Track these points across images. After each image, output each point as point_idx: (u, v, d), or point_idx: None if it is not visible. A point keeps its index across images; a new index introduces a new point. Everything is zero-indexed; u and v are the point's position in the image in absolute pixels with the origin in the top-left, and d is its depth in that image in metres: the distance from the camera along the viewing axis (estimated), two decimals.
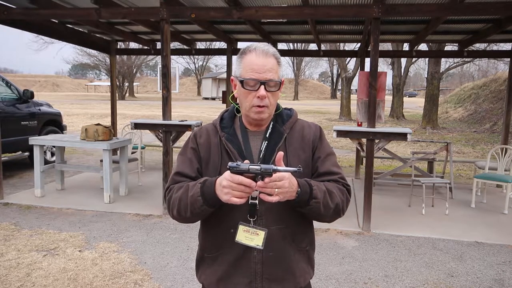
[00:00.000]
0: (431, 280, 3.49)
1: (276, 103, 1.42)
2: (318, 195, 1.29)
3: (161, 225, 4.72)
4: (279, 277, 1.39)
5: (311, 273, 1.51)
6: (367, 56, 6.72)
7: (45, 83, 58.69)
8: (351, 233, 4.58)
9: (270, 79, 1.32)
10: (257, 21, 6.30)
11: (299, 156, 1.41)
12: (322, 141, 1.47)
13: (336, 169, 1.44)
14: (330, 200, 1.34)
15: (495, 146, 6.63)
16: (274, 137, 1.41)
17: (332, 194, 1.35)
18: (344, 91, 23.24)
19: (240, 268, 1.38)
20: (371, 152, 4.73)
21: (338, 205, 1.37)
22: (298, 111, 1.57)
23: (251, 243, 1.32)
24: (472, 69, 35.00)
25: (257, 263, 1.37)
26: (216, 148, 1.41)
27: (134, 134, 6.93)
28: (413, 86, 65.98)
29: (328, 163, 1.44)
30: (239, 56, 1.39)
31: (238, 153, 1.37)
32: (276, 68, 1.35)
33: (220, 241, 1.40)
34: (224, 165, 1.37)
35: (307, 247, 1.47)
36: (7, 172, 7.05)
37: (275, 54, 1.37)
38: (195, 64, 57.48)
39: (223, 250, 1.40)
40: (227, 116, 1.48)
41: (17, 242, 4.08)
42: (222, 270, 1.40)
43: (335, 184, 1.41)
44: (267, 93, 1.33)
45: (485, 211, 5.57)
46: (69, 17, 5.79)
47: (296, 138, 1.43)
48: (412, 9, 4.61)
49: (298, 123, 1.48)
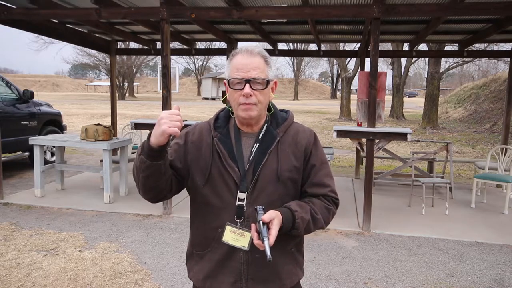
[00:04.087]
0: (431, 280, 3.49)
1: (267, 102, 1.41)
2: (300, 227, 1.33)
3: (161, 225, 4.72)
4: (264, 279, 1.40)
5: (300, 274, 1.51)
6: (367, 56, 6.71)
7: (45, 83, 58.68)
8: (351, 233, 4.58)
9: (255, 77, 1.33)
10: (257, 21, 6.30)
11: (290, 161, 1.40)
12: (317, 148, 1.47)
13: (328, 181, 1.45)
14: (312, 226, 1.39)
15: (495, 146, 6.63)
16: (267, 139, 1.40)
17: (316, 220, 1.39)
18: (344, 91, 23.24)
19: (226, 267, 1.40)
20: (371, 152, 4.73)
21: (322, 225, 1.42)
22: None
23: (237, 244, 1.34)
24: (472, 69, 35.00)
25: (243, 263, 1.38)
26: (207, 148, 1.42)
27: (134, 134, 6.93)
28: (413, 86, 65.96)
29: (321, 173, 1.45)
30: (228, 59, 1.41)
31: (229, 154, 1.38)
32: (262, 67, 1.36)
33: (209, 240, 1.42)
34: (214, 165, 1.39)
35: (292, 249, 1.47)
36: (7, 172, 7.06)
37: (262, 53, 1.38)
38: (195, 64, 57.48)
39: (210, 249, 1.43)
40: (222, 116, 1.48)
41: (17, 242, 4.08)
42: (209, 268, 1.43)
43: (323, 203, 1.43)
44: (254, 91, 1.34)
45: (485, 211, 5.57)
46: (69, 17, 5.79)
47: (289, 143, 1.42)
48: (412, 9, 4.60)
49: (293, 127, 1.47)
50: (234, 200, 1.37)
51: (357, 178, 7.49)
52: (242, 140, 1.42)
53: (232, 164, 1.37)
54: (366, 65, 7.44)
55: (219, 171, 1.39)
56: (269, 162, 1.38)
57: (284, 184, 1.39)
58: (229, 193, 1.38)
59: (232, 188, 1.38)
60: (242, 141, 1.42)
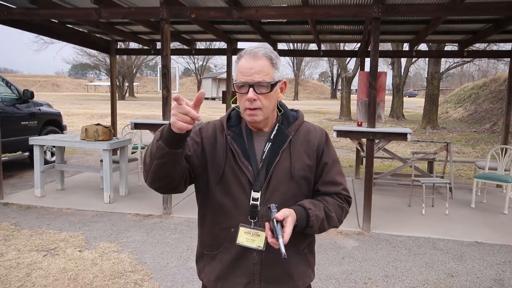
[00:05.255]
0: (431, 280, 3.49)
1: (274, 105, 1.39)
2: (315, 225, 1.32)
3: (161, 225, 4.72)
4: (276, 279, 1.39)
5: (312, 275, 1.50)
6: (367, 56, 6.72)
7: (45, 83, 58.67)
8: (351, 233, 4.58)
9: (259, 81, 1.30)
10: (257, 21, 6.30)
11: (303, 160, 1.40)
12: (329, 147, 1.47)
13: (340, 179, 1.46)
14: (327, 224, 1.38)
15: (495, 146, 6.63)
16: (279, 139, 1.40)
17: (330, 218, 1.39)
18: (344, 91, 23.25)
19: (238, 268, 1.38)
20: (371, 152, 4.73)
21: (336, 223, 1.42)
22: None
23: (253, 245, 1.32)
24: (472, 69, 35.04)
25: (256, 264, 1.37)
26: (221, 146, 1.41)
27: (134, 134, 6.93)
28: (413, 86, 65.94)
29: (333, 171, 1.45)
30: (235, 61, 1.40)
31: (243, 153, 1.37)
32: (267, 69, 1.32)
33: (221, 240, 1.40)
34: (228, 163, 1.38)
35: (305, 250, 1.46)
36: (7, 172, 7.06)
37: (267, 55, 1.34)
38: (195, 64, 57.39)
39: (222, 249, 1.41)
40: (234, 115, 1.47)
41: (17, 242, 4.08)
42: (221, 269, 1.41)
43: (336, 201, 1.43)
44: (258, 95, 1.31)
45: (485, 211, 5.57)
46: (69, 17, 5.79)
47: (301, 142, 1.42)
48: (412, 9, 4.60)
49: (304, 126, 1.47)
50: (247, 200, 1.35)
51: (357, 178, 7.49)
52: (254, 139, 1.41)
53: (246, 163, 1.36)
54: (366, 65, 7.44)
55: (232, 170, 1.37)
56: (282, 161, 1.37)
57: (297, 183, 1.39)
58: (243, 192, 1.36)
59: (246, 187, 1.36)
60: (254, 141, 1.41)
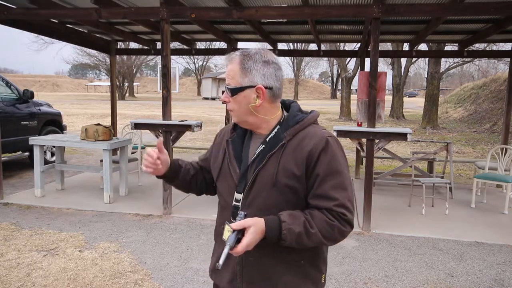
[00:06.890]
0: (431, 280, 3.49)
1: (244, 109, 1.34)
2: (287, 238, 1.23)
3: (161, 225, 4.72)
4: (257, 283, 1.38)
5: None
6: (367, 56, 6.72)
7: (45, 83, 58.69)
8: (351, 233, 4.56)
9: (227, 84, 1.36)
10: (257, 21, 6.30)
11: (289, 168, 1.30)
12: (327, 156, 1.29)
13: (334, 194, 1.27)
14: (307, 239, 1.26)
15: (495, 146, 6.63)
16: (272, 143, 1.35)
17: (311, 234, 1.25)
18: (344, 91, 23.25)
19: (226, 264, 1.40)
20: (371, 152, 4.73)
21: (321, 241, 1.28)
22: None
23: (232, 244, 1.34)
24: (472, 69, 35.01)
25: (238, 263, 1.39)
26: (222, 149, 1.48)
27: (134, 134, 6.93)
28: (413, 86, 65.97)
29: (327, 184, 1.28)
30: None
31: (234, 154, 1.42)
32: (234, 73, 1.32)
33: (217, 234, 1.49)
34: (223, 164, 1.45)
35: (301, 261, 1.37)
36: (7, 172, 7.05)
37: (240, 58, 1.31)
38: (195, 64, 57.48)
39: (217, 243, 1.52)
40: None
41: (17, 242, 4.08)
42: (214, 262, 1.50)
43: (324, 217, 1.27)
44: (229, 98, 1.36)
45: (485, 211, 5.57)
46: (69, 17, 5.79)
47: (293, 148, 1.32)
48: (412, 9, 4.61)
49: (305, 131, 1.35)
50: (232, 200, 1.39)
51: (357, 178, 7.49)
52: (252, 141, 1.42)
53: (234, 165, 1.40)
54: (366, 65, 7.44)
55: (225, 171, 1.44)
56: (268, 167, 1.32)
57: (280, 191, 1.30)
58: (229, 193, 1.41)
59: (231, 188, 1.39)
60: (252, 142, 1.42)
